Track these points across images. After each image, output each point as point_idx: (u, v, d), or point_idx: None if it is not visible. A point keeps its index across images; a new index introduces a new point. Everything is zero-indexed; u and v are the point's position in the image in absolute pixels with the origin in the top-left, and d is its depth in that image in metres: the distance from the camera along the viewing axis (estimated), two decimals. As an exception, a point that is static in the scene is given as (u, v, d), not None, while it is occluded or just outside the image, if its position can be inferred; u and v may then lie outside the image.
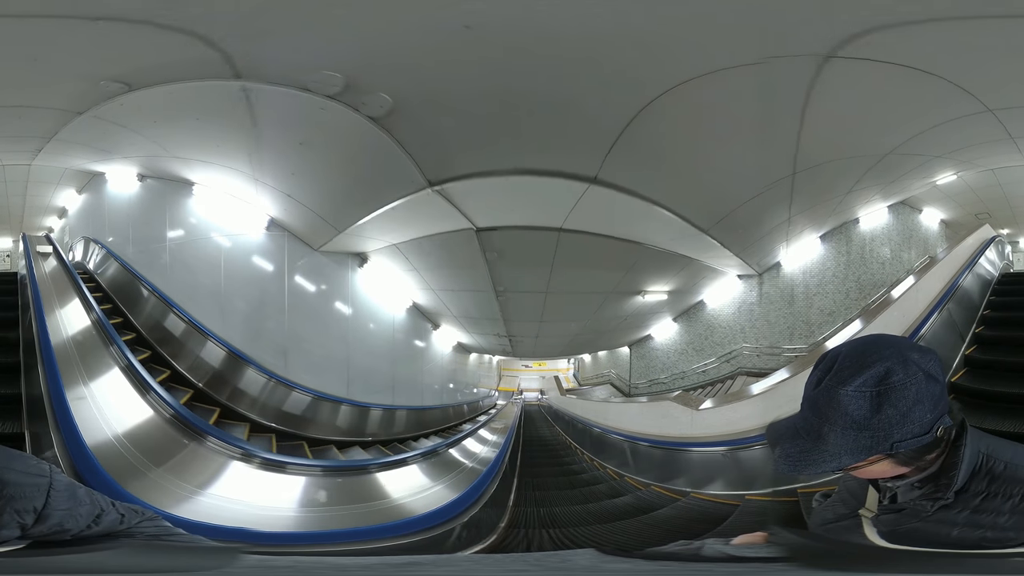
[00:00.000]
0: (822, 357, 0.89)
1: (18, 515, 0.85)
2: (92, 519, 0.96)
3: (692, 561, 0.76)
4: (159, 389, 3.66)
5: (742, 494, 4.95)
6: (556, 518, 5.45)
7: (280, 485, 3.84)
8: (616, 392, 12.23)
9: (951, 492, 0.86)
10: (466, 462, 7.06)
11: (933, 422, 0.83)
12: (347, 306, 7.82)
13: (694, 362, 8.65)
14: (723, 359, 8.01)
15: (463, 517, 4.37)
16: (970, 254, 6.28)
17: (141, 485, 2.84)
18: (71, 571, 0.75)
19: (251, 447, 4.00)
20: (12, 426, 3.27)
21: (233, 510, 3.12)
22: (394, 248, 7.23)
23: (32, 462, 0.91)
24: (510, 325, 9.75)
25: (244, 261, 6.18)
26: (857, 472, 0.89)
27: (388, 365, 9.33)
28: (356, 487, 4.42)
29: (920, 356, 0.85)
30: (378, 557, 0.76)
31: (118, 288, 5.67)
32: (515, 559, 0.77)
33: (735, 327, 7.89)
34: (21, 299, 4.43)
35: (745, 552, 0.82)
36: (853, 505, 1.04)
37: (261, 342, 6.05)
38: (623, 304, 8.65)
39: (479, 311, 9.36)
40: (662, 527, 4.76)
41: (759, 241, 6.88)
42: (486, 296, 8.28)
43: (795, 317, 7.34)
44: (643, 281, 7.90)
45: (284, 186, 5.83)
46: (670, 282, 8.08)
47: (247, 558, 0.76)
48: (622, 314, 9.11)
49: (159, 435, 3.40)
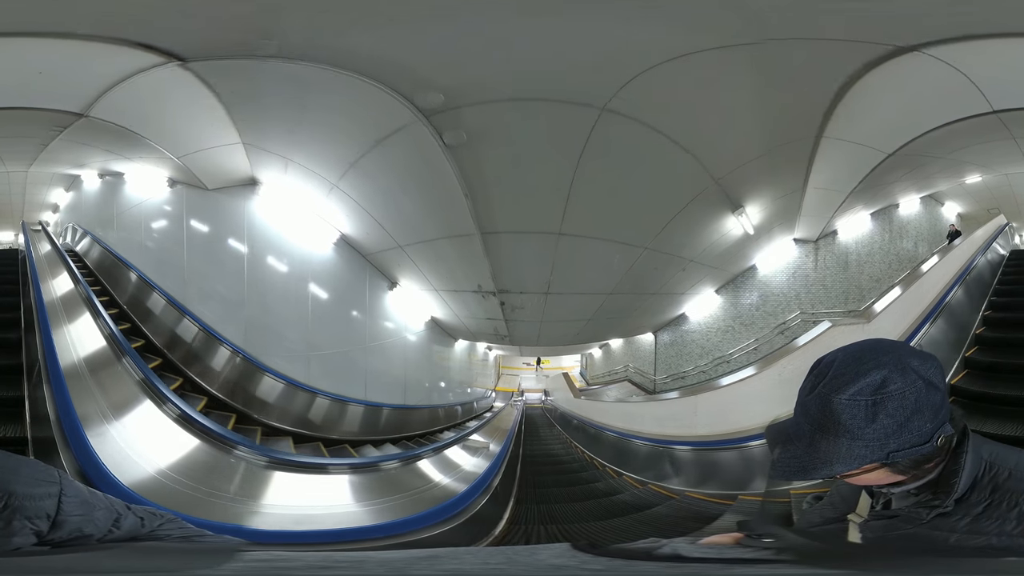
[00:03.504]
0: (817, 362, 0.86)
1: (30, 523, 0.84)
2: (112, 523, 0.95)
3: (660, 560, 0.75)
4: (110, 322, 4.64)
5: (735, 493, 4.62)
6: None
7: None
8: (636, 391, 11.41)
9: (951, 500, 0.84)
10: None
11: (933, 431, 0.80)
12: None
13: (742, 339, 8.65)
14: (777, 331, 8.20)
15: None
16: (987, 237, 7.51)
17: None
18: (70, 571, 0.73)
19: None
20: (15, 430, 3.31)
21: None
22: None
23: (40, 468, 0.90)
24: (501, 274, 6.98)
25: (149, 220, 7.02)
26: (851, 480, 0.87)
27: (298, 327, 6.92)
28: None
29: (920, 363, 0.81)
30: (321, 554, 0.74)
31: (97, 263, 7.47)
32: (491, 552, 0.77)
33: (789, 293, 8.26)
34: (21, 272, 5.70)
35: (709, 553, 0.81)
36: (843, 509, 1.04)
37: (166, 276, 6.59)
38: (695, 235, 6.92)
39: (455, 250, 6.59)
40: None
41: (820, 207, 7.46)
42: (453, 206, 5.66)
43: (849, 282, 8.01)
44: (744, 191, 6.11)
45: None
46: (771, 203, 6.70)
47: (248, 555, 0.76)
48: (675, 265, 7.31)
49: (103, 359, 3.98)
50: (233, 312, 6.40)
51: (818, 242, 8.12)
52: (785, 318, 8.23)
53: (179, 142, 5.39)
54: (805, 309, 8.07)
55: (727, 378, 5.43)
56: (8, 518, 0.83)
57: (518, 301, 8.02)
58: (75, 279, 5.42)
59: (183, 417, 3.72)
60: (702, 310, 9.33)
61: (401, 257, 7.26)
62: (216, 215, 6.31)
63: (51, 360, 3.25)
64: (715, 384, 5.78)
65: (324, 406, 7.23)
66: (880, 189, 7.79)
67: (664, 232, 6.56)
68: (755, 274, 8.64)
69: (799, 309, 8.13)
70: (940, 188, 8.21)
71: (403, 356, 9.30)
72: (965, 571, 0.78)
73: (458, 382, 13.10)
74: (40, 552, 0.85)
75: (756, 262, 8.53)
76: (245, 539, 2.40)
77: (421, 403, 10.15)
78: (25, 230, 7.10)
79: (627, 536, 4.36)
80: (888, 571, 0.76)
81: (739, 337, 8.78)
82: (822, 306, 7.99)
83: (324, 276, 7.11)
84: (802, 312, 8.08)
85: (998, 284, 6.71)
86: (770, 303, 8.43)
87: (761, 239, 7.79)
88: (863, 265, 8.04)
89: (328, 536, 3.09)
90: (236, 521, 2.89)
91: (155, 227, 6.74)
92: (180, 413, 3.73)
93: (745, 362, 8.33)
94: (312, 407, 7.11)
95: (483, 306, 8.25)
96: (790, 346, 4.85)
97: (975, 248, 6.99)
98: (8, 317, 4.68)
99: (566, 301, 7.95)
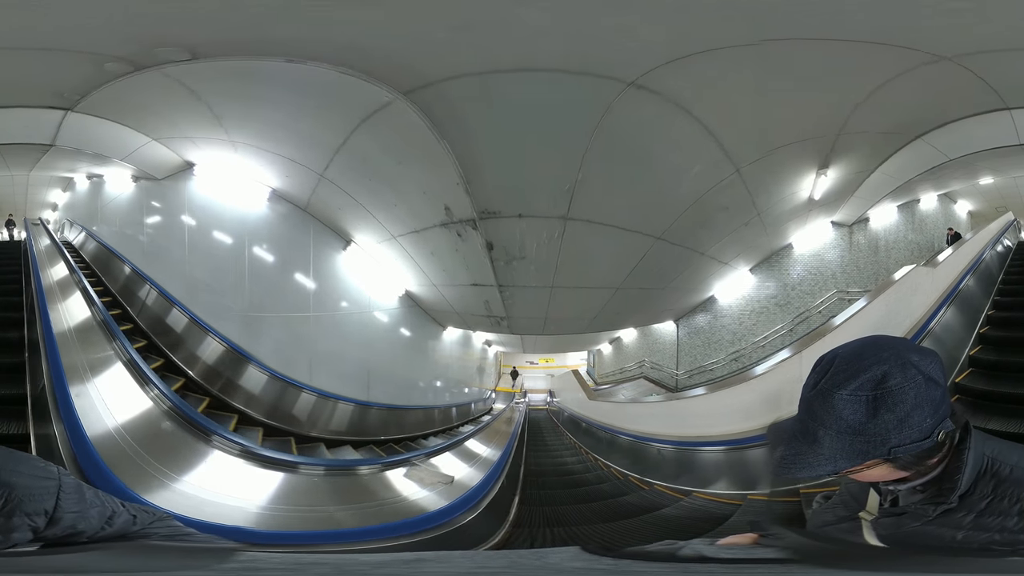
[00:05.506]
0: (820, 359, 0.88)
1: (28, 518, 0.85)
2: (105, 520, 0.96)
3: (674, 561, 0.76)
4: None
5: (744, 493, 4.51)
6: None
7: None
8: (655, 388, 10.89)
9: (954, 496, 0.85)
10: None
11: (934, 427, 0.82)
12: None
13: (778, 321, 8.91)
14: (816, 309, 8.65)
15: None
16: (997, 231, 8.37)
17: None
18: (68, 571, 0.75)
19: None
20: (18, 427, 3.46)
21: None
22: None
23: (39, 464, 0.92)
24: (480, 180, 5.18)
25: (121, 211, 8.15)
26: (855, 476, 0.89)
27: (237, 290, 6.95)
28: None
29: (920, 358, 0.83)
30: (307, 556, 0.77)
31: (87, 251, 8.70)
32: (496, 555, 0.79)
33: (827, 272, 8.80)
34: (24, 262, 6.75)
35: (730, 554, 0.82)
36: (854, 508, 1.05)
37: (131, 252, 7.71)
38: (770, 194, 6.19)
39: (400, 150, 5.25)
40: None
41: (872, 191, 8.09)
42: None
43: (879, 265, 8.67)
44: (834, 155, 5.77)
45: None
46: (843, 175, 6.43)
47: (244, 555, 0.77)
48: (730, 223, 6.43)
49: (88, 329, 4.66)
50: (177, 271, 7.18)
51: (852, 227, 8.78)
52: (822, 296, 8.74)
53: (117, 146, 6.28)
54: (840, 287, 8.62)
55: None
56: (8, 514, 0.83)
57: (515, 241, 5.67)
58: (69, 266, 6.61)
59: (132, 363, 4.19)
60: (733, 292, 9.32)
61: (332, 194, 6.15)
62: (165, 198, 7.25)
63: (46, 324, 3.93)
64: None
65: (262, 381, 6.99)
66: (911, 184, 8.59)
67: (747, 171, 5.85)
68: (791, 252, 9.03)
69: (835, 287, 8.68)
70: (955, 188, 9.13)
71: (365, 338, 8.40)
72: (967, 571, 0.79)
73: (450, 380, 11.95)
74: (34, 552, 0.85)
75: (793, 240, 8.91)
76: (235, 539, 2.48)
77: (394, 402, 8.75)
78: (27, 227, 8.77)
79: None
80: (905, 572, 0.76)
81: (774, 319, 9.04)
82: (856, 286, 8.57)
83: (262, 236, 7.14)
84: (838, 291, 8.63)
85: (1002, 284, 6.94)
86: (807, 282, 8.91)
87: (811, 212, 7.92)
88: (890, 250, 8.78)
89: (319, 538, 3.14)
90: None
91: (127, 217, 7.94)
92: (129, 359, 4.23)
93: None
94: (245, 376, 6.94)
95: (462, 256, 6.12)
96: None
97: (992, 235, 7.73)
98: (13, 301, 5.46)
99: (586, 270, 6.42)
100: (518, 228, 5.63)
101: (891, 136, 6.31)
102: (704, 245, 7.45)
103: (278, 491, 3.69)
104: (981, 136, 6.18)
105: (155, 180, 6.95)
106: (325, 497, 3.96)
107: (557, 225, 5.62)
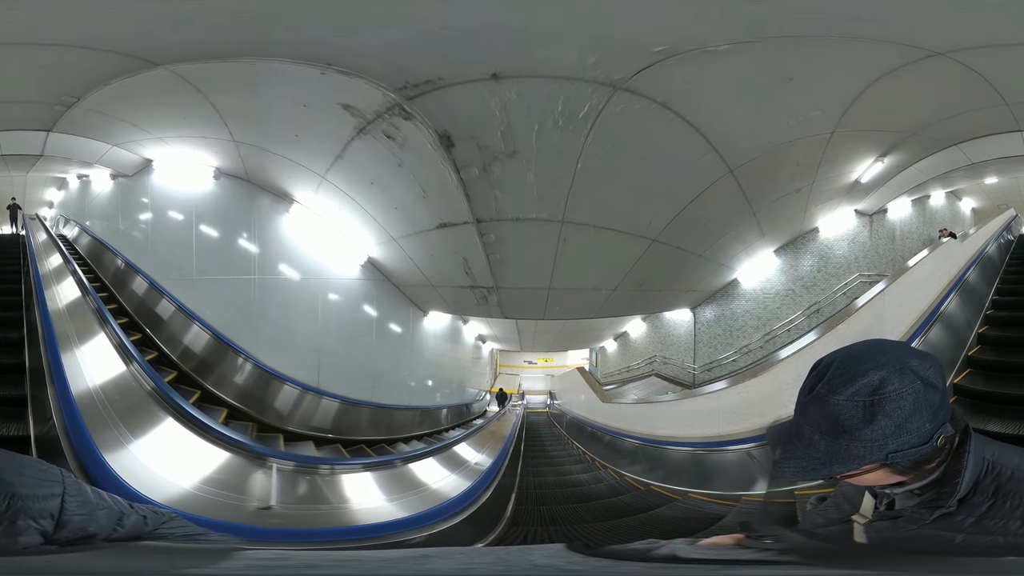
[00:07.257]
0: (817, 363, 0.87)
1: (34, 522, 0.85)
2: (115, 522, 0.96)
3: (648, 561, 0.77)
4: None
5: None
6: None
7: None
8: (669, 386, 10.40)
9: (953, 500, 0.84)
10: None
11: (932, 432, 0.81)
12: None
13: (804, 302, 9.37)
14: (841, 291, 9.24)
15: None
16: (1000, 226, 9.18)
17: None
18: (67, 571, 0.75)
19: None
20: (19, 428, 3.44)
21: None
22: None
23: (43, 467, 0.92)
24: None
25: (104, 205, 9.35)
26: (852, 480, 0.89)
27: (186, 258, 7.79)
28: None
29: (919, 363, 0.82)
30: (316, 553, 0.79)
31: (79, 242, 9.87)
32: (482, 552, 0.81)
33: (849, 256, 9.45)
34: (22, 255, 7.63)
35: (704, 554, 0.82)
36: (847, 510, 1.04)
37: (111, 239, 9.01)
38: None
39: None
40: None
41: (901, 183, 8.72)
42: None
43: (896, 253, 9.40)
44: (898, 144, 5.82)
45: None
46: (890, 165, 6.74)
47: (246, 553, 0.79)
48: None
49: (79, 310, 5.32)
50: (146, 250, 8.34)
51: (873, 216, 9.50)
52: (846, 279, 9.39)
53: (90, 152, 7.40)
54: (863, 271, 9.29)
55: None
56: (12, 518, 0.83)
57: (492, 120, 3.45)
58: (63, 255, 7.61)
59: (98, 311, 5.14)
60: (756, 275, 9.50)
61: (251, 154, 5.84)
62: (134, 191, 8.45)
63: (42, 304, 4.52)
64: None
65: (204, 339, 7.46)
66: (926, 181, 9.37)
67: (828, 139, 5.71)
68: (816, 237, 9.55)
69: (857, 271, 9.34)
70: (961, 186, 10.01)
71: (314, 312, 8.00)
72: (967, 571, 0.78)
73: (439, 378, 11.23)
74: (46, 551, 0.86)
75: (819, 225, 9.43)
76: (244, 538, 2.62)
77: (350, 395, 7.92)
78: (26, 222, 9.88)
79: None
80: (891, 571, 0.76)
81: (799, 301, 9.45)
82: (876, 270, 9.25)
83: (208, 211, 7.92)
84: (860, 274, 9.29)
85: (1000, 283, 7.04)
86: (832, 265, 9.54)
87: (844, 198, 8.33)
88: (905, 240, 9.58)
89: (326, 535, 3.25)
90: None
91: (109, 210, 9.15)
92: (98, 308, 5.23)
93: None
94: (190, 334, 7.51)
95: (409, 172, 4.11)
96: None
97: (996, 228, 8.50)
98: (12, 288, 6.05)
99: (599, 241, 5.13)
100: (495, 98, 3.07)
101: (941, 141, 7.00)
102: (758, 203, 6.86)
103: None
104: (998, 145, 6.95)
105: (127, 176, 8.38)
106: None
107: (590, 92, 3.09)
